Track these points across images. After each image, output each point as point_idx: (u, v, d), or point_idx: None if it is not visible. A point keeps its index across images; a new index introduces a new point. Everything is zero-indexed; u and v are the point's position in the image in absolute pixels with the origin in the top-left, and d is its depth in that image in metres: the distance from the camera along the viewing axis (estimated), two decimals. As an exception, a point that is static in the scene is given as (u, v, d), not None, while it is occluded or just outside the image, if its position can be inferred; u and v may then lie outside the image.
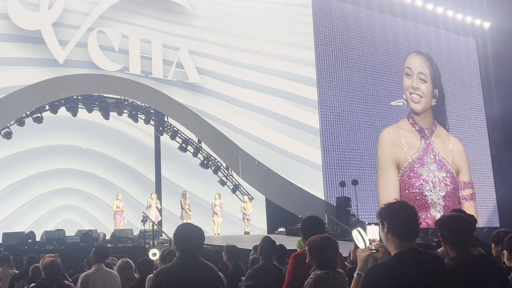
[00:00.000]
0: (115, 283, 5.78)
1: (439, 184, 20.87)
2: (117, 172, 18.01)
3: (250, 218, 17.52)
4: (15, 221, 15.81)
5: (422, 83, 21.83)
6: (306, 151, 18.76)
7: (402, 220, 2.76)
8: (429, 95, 21.85)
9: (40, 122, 15.68)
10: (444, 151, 21.60)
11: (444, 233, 3.18)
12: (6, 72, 14.95)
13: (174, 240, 3.64)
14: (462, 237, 3.13)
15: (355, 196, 18.55)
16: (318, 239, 3.70)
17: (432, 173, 20.85)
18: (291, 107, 18.83)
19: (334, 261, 3.66)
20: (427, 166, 20.83)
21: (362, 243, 3.02)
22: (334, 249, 3.68)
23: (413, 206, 2.85)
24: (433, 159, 21.10)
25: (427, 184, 20.59)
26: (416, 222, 2.80)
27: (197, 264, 3.52)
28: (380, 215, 2.83)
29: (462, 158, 22.17)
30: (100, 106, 16.55)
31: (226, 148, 17.92)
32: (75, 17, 16.16)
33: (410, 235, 2.76)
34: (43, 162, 16.79)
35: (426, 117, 21.75)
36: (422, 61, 22.31)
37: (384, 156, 20.26)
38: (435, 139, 21.54)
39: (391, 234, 2.77)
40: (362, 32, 21.13)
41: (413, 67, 21.98)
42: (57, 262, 5.34)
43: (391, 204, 2.83)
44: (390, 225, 2.77)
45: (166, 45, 17.47)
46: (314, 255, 3.66)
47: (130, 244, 13.55)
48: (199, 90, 17.78)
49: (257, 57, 18.76)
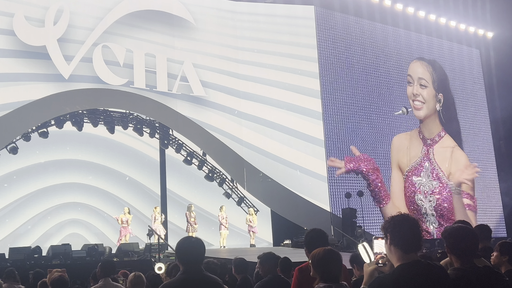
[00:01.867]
0: (121, 297, 5.78)
1: (430, 194, 20.76)
2: (123, 186, 18.06)
3: (256, 231, 17.48)
4: (22, 236, 15.85)
5: (423, 88, 21.74)
6: (311, 163, 18.75)
7: (404, 232, 2.79)
8: (431, 100, 21.74)
9: (46, 137, 15.76)
10: (443, 161, 21.40)
11: (449, 244, 3.19)
12: (12, 88, 15.07)
13: (176, 255, 3.66)
14: (467, 248, 3.15)
15: (361, 207, 18.49)
16: (320, 252, 3.69)
17: (425, 182, 20.76)
18: (295, 119, 18.86)
19: (337, 274, 3.64)
20: (422, 175, 20.78)
21: (367, 257, 3.04)
22: (337, 262, 3.67)
23: (416, 219, 2.88)
24: (429, 168, 21.00)
25: (419, 194, 20.53)
26: (418, 234, 2.83)
27: (201, 279, 3.53)
28: (383, 227, 2.88)
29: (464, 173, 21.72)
30: (105, 120, 16.63)
31: (231, 160, 17.95)
32: (80, 32, 16.31)
33: (412, 247, 2.78)
34: (49, 177, 16.85)
35: (430, 124, 21.61)
36: (423, 67, 22.30)
37: (392, 160, 20.67)
38: (436, 149, 21.42)
39: (394, 246, 2.80)
40: (365, 43, 21.20)
41: (413, 73, 22.01)
42: (65, 277, 5.35)
43: (394, 217, 2.87)
44: (393, 237, 2.81)
45: (170, 59, 17.58)
46: (316, 268, 3.65)
47: (136, 258, 13.55)
48: (204, 103, 17.86)
49: (261, 70, 18.85)
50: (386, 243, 2.86)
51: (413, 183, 20.60)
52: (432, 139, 21.55)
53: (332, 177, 18.94)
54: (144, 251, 14.08)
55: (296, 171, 18.55)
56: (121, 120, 16.92)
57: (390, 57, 21.84)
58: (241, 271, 6.35)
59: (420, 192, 20.59)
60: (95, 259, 12.38)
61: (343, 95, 19.98)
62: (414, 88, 21.62)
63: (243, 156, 18.01)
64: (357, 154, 19.28)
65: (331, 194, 18.77)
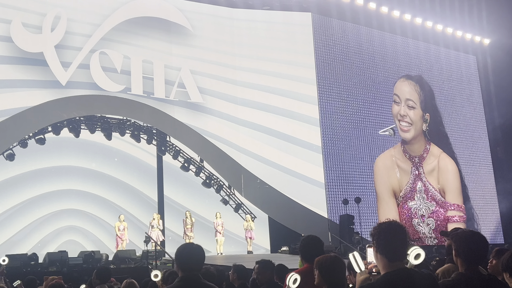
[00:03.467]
0: (117, 304, 5.75)
1: (428, 217, 20.56)
2: (120, 192, 18.01)
3: (253, 237, 17.44)
4: (18, 243, 15.76)
5: (410, 110, 21.27)
6: (308, 169, 18.74)
7: (389, 241, 2.76)
8: (418, 122, 21.36)
9: (42, 144, 15.73)
10: (433, 178, 21.10)
11: (459, 248, 3.17)
12: (9, 94, 15.05)
13: (176, 261, 3.65)
14: (475, 255, 3.13)
15: (358, 213, 18.48)
16: (328, 260, 3.65)
17: (421, 205, 20.54)
18: (292, 125, 18.87)
19: (344, 281, 3.63)
20: (416, 198, 20.48)
21: (357, 267, 3.03)
22: (343, 269, 3.66)
23: (403, 227, 2.84)
24: (422, 189, 20.70)
25: (416, 219, 20.33)
26: (404, 243, 2.79)
27: (199, 286, 3.51)
28: (371, 234, 2.86)
29: (450, 178, 21.55)
30: (102, 127, 16.62)
31: (228, 167, 17.94)
32: (77, 39, 16.32)
33: (397, 255, 2.75)
34: (45, 184, 16.79)
35: (416, 143, 21.34)
36: (411, 86, 21.86)
37: (380, 186, 20.08)
38: (426, 166, 21.10)
39: (379, 254, 2.79)
40: (362, 50, 21.25)
41: (400, 93, 21.53)
42: (60, 283, 5.33)
43: (381, 224, 2.84)
44: (378, 245, 2.79)
45: (167, 66, 17.60)
46: (325, 276, 3.61)
47: (133, 265, 13.50)
48: (201, 110, 17.86)
49: (258, 76, 18.87)
50: (373, 249, 2.85)
51: (409, 208, 20.32)
52: (420, 156, 21.22)
53: (329, 183, 18.93)
54: (141, 258, 14.03)
55: (293, 177, 18.52)
56: (118, 126, 16.90)
57: (387, 64, 21.87)
58: (242, 277, 6.33)
59: (416, 217, 20.36)
60: (92, 266, 12.33)
61: (340, 101, 20.00)
62: (402, 109, 21.18)
63: (240, 163, 18.00)
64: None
65: (328, 200, 18.75)
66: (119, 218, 15.88)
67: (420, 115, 21.54)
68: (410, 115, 21.25)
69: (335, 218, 18.50)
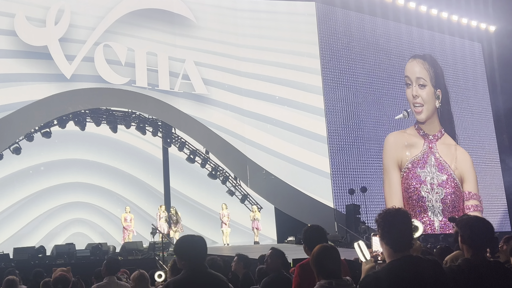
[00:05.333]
0: (125, 295, 5.77)
1: (438, 186, 20.68)
2: (126, 185, 18.09)
3: (260, 228, 17.48)
4: (26, 236, 15.90)
5: (422, 89, 21.49)
6: (314, 159, 18.74)
7: (393, 232, 2.75)
8: (430, 100, 21.59)
9: (48, 137, 15.78)
10: (448, 156, 21.39)
11: (464, 234, 3.16)
12: (14, 88, 15.09)
13: (178, 253, 3.63)
14: (481, 240, 3.13)
15: (365, 203, 18.47)
16: (316, 249, 3.67)
17: (431, 174, 20.67)
18: (297, 116, 18.84)
19: (335, 269, 3.62)
20: (427, 168, 20.68)
21: (362, 256, 3.03)
22: (334, 258, 3.64)
23: (409, 215, 2.82)
24: (434, 162, 20.93)
25: (425, 186, 20.44)
26: (409, 233, 2.79)
27: (206, 276, 3.52)
28: (376, 220, 2.85)
29: (468, 168, 21.78)
30: (108, 120, 16.65)
31: (234, 158, 17.94)
32: (81, 32, 16.32)
33: (402, 245, 2.75)
34: (52, 177, 16.89)
35: (432, 123, 21.57)
36: (420, 65, 22.03)
37: (387, 160, 20.23)
38: (440, 146, 21.37)
39: (385, 244, 2.79)
40: (366, 39, 21.15)
41: (411, 74, 21.71)
42: (65, 275, 5.36)
43: (386, 213, 2.82)
44: (383, 233, 2.79)
45: (172, 57, 17.57)
46: (313, 265, 3.63)
47: (140, 257, 13.56)
48: (206, 101, 17.85)
49: (263, 67, 18.82)
50: (379, 237, 2.85)
51: (417, 174, 20.46)
52: (434, 135, 21.47)
53: (335, 173, 18.92)
54: (148, 250, 14.10)
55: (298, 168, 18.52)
56: (124, 119, 16.93)
57: (392, 53, 21.77)
58: (246, 267, 6.37)
59: (425, 184, 20.49)
60: (99, 258, 12.39)
61: (345, 91, 19.95)
62: (414, 90, 21.36)
63: (246, 154, 18.01)
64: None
65: (334, 190, 18.76)
66: (125, 210, 15.95)
67: (432, 93, 21.67)
68: (422, 95, 21.42)
69: (341, 208, 18.51)
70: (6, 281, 6.05)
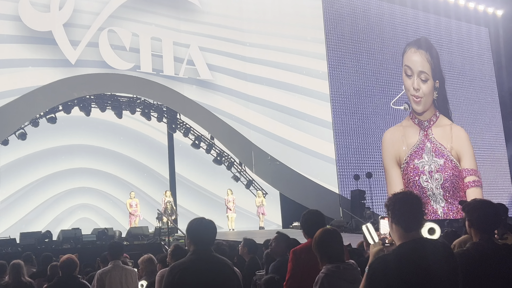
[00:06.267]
0: (131, 279, 5.82)
1: (436, 172, 20.62)
2: (132, 170, 18.13)
3: (265, 213, 17.53)
4: (32, 221, 16.00)
5: (424, 83, 21.23)
6: (319, 145, 18.71)
7: (404, 210, 2.76)
8: (430, 94, 21.37)
9: (54, 123, 15.81)
10: (444, 139, 21.21)
11: (472, 217, 3.17)
12: (19, 74, 15.08)
13: (187, 234, 3.66)
14: (489, 223, 3.14)
15: (370, 188, 18.48)
16: (318, 233, 3.66)
17: (429, 162, 20.58)
18: (302, 101, 18.78)
19: (339, 253, 3.61)
20: (424, 157, 20.55)
21: (370, 239, 3.02)
22: (337, 241, 3.64)
23: (419, 197, 2.84)
24: (431, 147, 20.83)
25: (423, 175, 20.37)
26: (420, 213, 2.79)
27: (211, 259, 3.53)
28: (386, 205, 2.86)
29: (464, 144, 21.65)
30: (112, 105, 16.64)
31: (239, 143, 17.93)
32: (86, 17, 16.25)
33: (413, 225, 2.75)
34: (58, 162, 16.95)
35: (426, 112, 21.37)
36: (422, 56, 21.66)
37: (386, 158, 20.07)
38: (435, 129, 21.19)
39: (395, 224, 2.79)
40: (372, 23, 21.00)
41: (412, 65, 21.39)
42: (73, 258, 5.38)
43: (396, 194, 2.84)
44: (393, 215, 2.79)
45: (176, 43, 17.50)
46: (316, 250, 3.62)
47: (146, 242, 13.62)
48: (211, 87, 17.80)
49: (268, 52, 18.73)
50: (388, 221, 2.85)
51: (416, 166, 20.35)
52: (429, 120, 21.28)
53: (340, 159, 18.90)
54: (153, 235, 14.17)
55: (303, 153, 18.50)
56: (129, 104, 16.93)
57: (397, 37, 21.62)
58: (252, 251, 6.39)
59: (424, 173, 20.43)
60: (105, 243, 12.43)
61: (350, 76, 19.85)
62: (415, 82, 21.11)
63: (251, 139, 17.99)
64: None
65: (339, 176, 18.75)
66: (130, 195, 16.00)
67: (431, 86, 21.45)
68: (423, 88, 21.17)
69: (346, 194, 18.52)
70: (12, 265, 6.09)
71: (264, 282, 4.33)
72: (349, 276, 3.50)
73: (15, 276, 5.98)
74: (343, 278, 3.47)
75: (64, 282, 5.25)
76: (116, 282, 5.67)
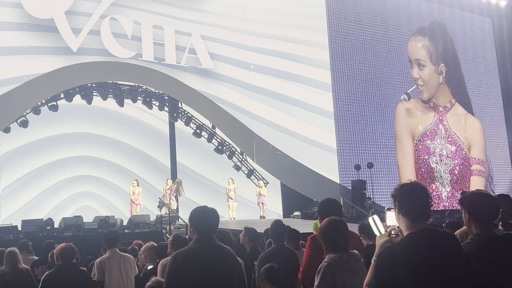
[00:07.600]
0: (130, 266, 5.87)
1: (446, 157, 20.69)
2: (133, 158, 18.15)
3: (266, 203, 17.56)
4: (34, 209, 16.06)
5: (422, 69, 21.19)
6: (321, 135, 18.71)
7: (411, 201, 2.77)
8: (432, 79, 21.26)
9: (55, 110, 15.81)
10: (457, 128, 21.37)
11: (471, 209, 3.15)
12: (20, 61, 15.06)
13: (190, 223, 3.67)
14: (489, 214, 3.13)
15: (371, 179, 18.48)
16: (324, 222, 3.67)
17: (440, 146, 20.68)
18: (304, 91, 18.75)
19: (344, 243, 3.62)
20: (436, 140, 20.67)
21: (377, 230, 3.03)
22: (342, 231, 3.64)
23: (425, 187, 2.85)
24: (444, 133, 20.91)
25: (434, 157, 20.46)
26: (427, 203, 2.80)
27: (214, 247, 3.54)
28: (392, 195, 2.87)
29: (476, 135, 21.80)
30: (114, 93, 16.63)
31: (240, 133, 17.93)
32: (88, 4, 16.19)
33: (420, 216, 2.77)
34: (59, 150, 16.98)
35: (439, 96, 21.40)
36: (418, 44, 21.56)
37: (400, 127, 20.31)
38: (450, 118, 21.30)
39: (402, 215, 2.80)
40: (375, 13, 20.88)
41: (411, 55, 21.43)
42: (71, 246, 5.43)
43: (403, 185, 2.85)
44: (400, 206, 2.81)
45: (178, 31, 17.44)
46: (321, 239, 3.63)
47: (147, 230, 13.67)
48: (212, 76, 17.77)
49: (270, 41, 18.67)
50: (395, 211, 2.86)
51: (427, 146, 20.50)
52: (444, 106, 21.37)
53: (341, 149, 18.90)
54: (155, 223, 14.22)
55: (305, 143, 18.50)
56: (130, 93, 16.91)
57: (400, 27, 21.51)
58: (253, 241, 6.42)
59: (434, 155, 20.50)
60: (107, 231, 12.49)
61: (352, 66, 19.78)
62: (414, 71, 21.12)
63: (252, 129, 17.99)
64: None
65: (340, 166, 18.76)
66: (133, 184, 16.02)
67: (432, 71, 21.37)
68: (422, 76, 21.17)
69: (347, 184, 18.53)
70: (7, 253, 6.10)
71: (264, 271, 4.35)
72: (352, 267, 3.50)
73: (12, 264, 6.01)
74: (346, 268, 3.48)
75: (63, 269, 5.29)
76: (115, 269, 5.74)
